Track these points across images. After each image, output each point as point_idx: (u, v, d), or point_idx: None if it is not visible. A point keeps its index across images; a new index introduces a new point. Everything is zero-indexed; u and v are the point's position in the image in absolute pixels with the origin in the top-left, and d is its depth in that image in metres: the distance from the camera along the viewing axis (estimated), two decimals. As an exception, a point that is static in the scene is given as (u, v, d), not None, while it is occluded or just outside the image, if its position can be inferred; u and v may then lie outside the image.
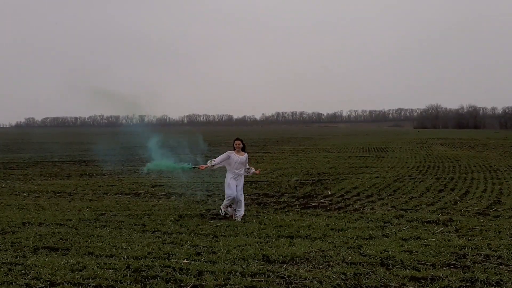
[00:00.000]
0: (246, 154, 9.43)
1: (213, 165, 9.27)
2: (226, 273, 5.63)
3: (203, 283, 5.32)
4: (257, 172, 9.81)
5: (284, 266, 5.99)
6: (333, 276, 5.50)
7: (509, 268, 5.78)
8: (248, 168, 9.52)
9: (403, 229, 8.06)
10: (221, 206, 9.51)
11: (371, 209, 10.16)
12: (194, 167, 9.84)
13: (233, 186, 9.13)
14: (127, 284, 5.35)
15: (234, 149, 9.38)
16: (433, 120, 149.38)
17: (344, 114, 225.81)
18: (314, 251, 6.61)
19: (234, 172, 9.26)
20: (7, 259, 6.39)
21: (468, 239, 7.33)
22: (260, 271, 5.71)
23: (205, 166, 9.43)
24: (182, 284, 5.34)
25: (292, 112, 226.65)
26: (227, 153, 9.37)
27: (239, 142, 9.39)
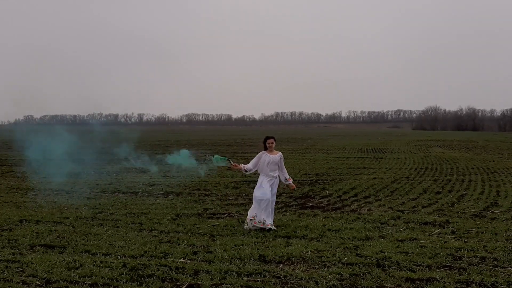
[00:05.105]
0: (279, 153, 8.34)
1: (246, 171, 8.26)
2: (222, 273, 5.65)
3: (199, 282, 5.34)
4: (293, 186, 8.70)
5: (281, 266, 6.01)
6: (329, 277, 5.52)
7: (504, 270, 5.80)
8: (286, 179, 8.40)
9: (400, 231, 8.08)
10: (251, 220, 8.11)
11: (368, 210, 10.18)
12: (228, 160, 8.57)
13: (267, 188, 8.09)
14: (123, 282, 5.36)
15: (266, 149, 8.30)
16: (431, 122, 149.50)
17: (343, 114, 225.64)
18: (311, 251, 6.63)
19: (268, 174, 8.17)
20: (3, 256, 6.40)
21: (464, 241, 7.35)
22: (256, 271, 5.72)
23: (238, 166, 8.28)
24: (178, 283, 5.35)
25: (291, 112, 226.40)
26: (258, 154, 8.28)
27: (272, 140, 8.25)
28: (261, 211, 7.97)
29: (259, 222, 7.97)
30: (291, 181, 8.49)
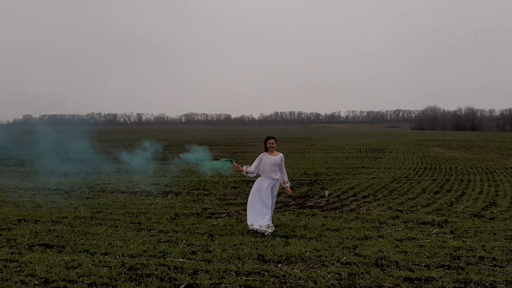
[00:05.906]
0: (281, 154, 8.11)
1: (247, 173, 7.99)
2: (221, 272, 5.64)
3: (198, 282, 5.34)
4: (290, 191, 8.63)
5: (279, 265, 6.01)
6: (327, 276, 5.52)
7: (503, 269, 5.81)
8: (284, 182, 8.18)
9: (399, 230, 8.09)
10: (259, 225, 7.78)
11: (367, 210, 10.18)
12: (231, 161, 8.27)
13: (268, 194, 7.88)
14: (122, 282, 5.36)
15: (267, 150, 8.08)
16: (431, 122, 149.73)
17: (342, 114, 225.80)
18: (309, 251, 6.63)
19: (269, 176, 7.93)
20: (2, 256, 6.40)
21: (463, 240, 7.36)
22: (255, 271, 5.72)
23: (240, 168, 8.03)
24: (176, 283, 5.35)
25: (291, 112, 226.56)
26: (259, 156, 8.04)
27: (272, 141, 8.04)
28: (264, 216, 7.77)
29: (267, 228, 7.71)
30: (288, 184, 8.31)
